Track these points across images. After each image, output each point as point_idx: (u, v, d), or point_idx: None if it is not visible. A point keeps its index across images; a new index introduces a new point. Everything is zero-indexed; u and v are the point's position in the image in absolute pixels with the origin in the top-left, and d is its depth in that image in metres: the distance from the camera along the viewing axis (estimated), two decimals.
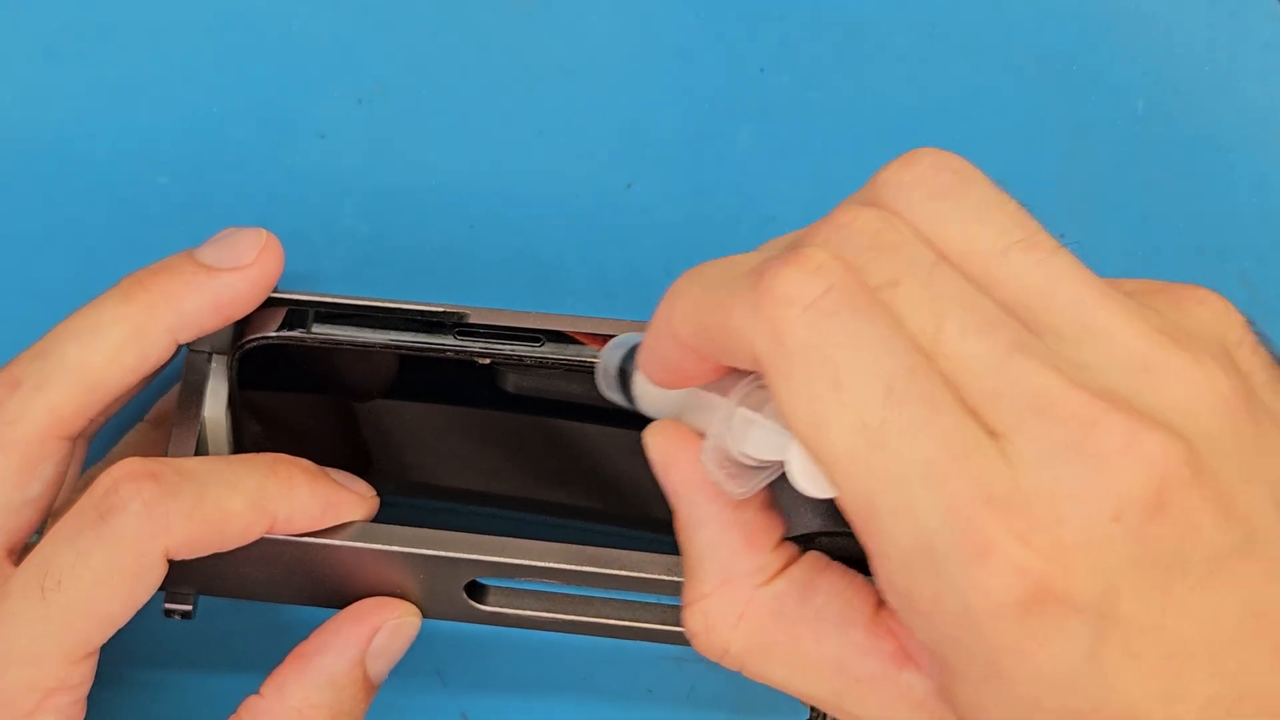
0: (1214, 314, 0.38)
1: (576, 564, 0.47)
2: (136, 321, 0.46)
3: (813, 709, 0.48)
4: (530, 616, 0.50)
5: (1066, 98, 0.55)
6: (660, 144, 0.55)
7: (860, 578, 0.41)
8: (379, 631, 0.48)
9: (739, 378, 0.39)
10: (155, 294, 0.46)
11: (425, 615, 0.50)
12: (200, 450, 0.48)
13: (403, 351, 0.47)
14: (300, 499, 0.46)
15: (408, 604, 0.49)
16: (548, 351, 0.47)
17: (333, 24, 0.54)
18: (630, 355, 0.42)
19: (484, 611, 0.49)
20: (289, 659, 0.48)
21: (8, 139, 0.55)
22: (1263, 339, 0.39)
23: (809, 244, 0.37)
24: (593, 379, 0.43)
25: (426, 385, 0.52)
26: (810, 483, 0.37)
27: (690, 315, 0.38)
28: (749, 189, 0.54)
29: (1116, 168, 0.55)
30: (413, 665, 0.60)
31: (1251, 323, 0.38)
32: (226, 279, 0.47)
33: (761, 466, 0.39)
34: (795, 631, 0.40)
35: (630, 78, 0.55)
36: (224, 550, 0.45)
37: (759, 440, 0.38)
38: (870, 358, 0.35)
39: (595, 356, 0.46)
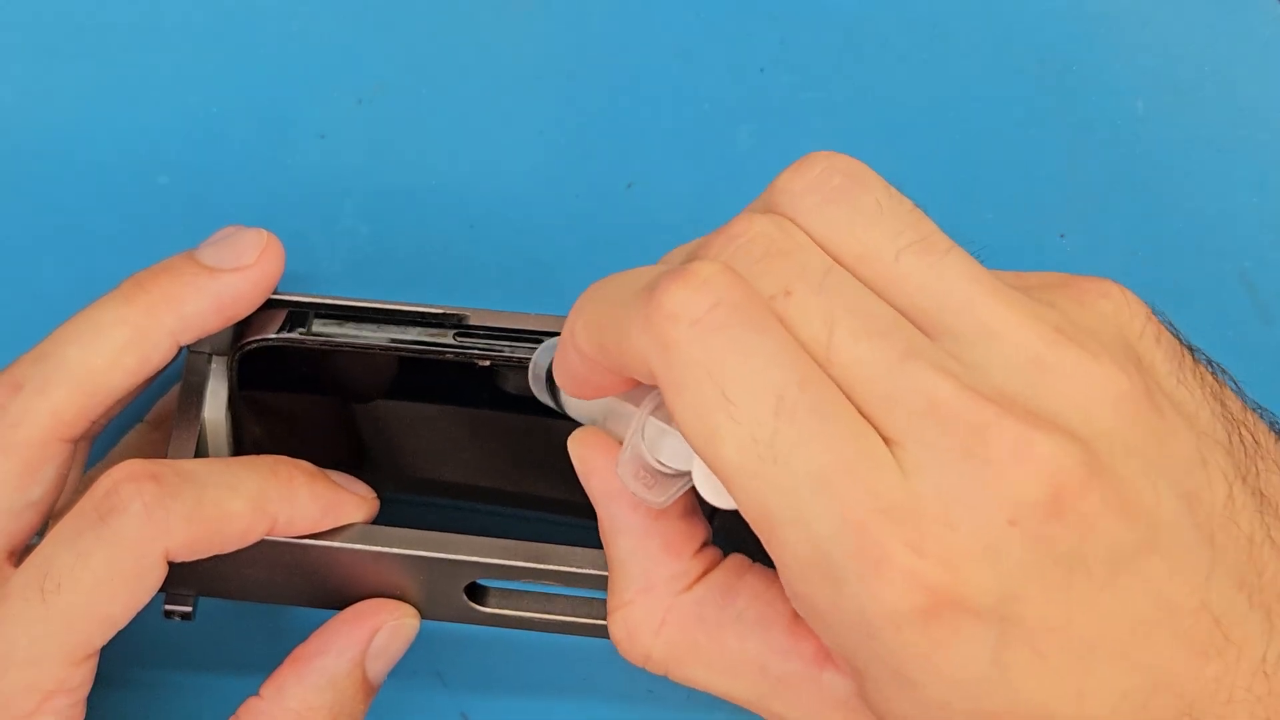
0: (1115, 307, 0.38)
1: (576, 566, 0.47)
2: (138, 324, 0.46)
3: None
4: (530, 618, 0.50)
5: (1066, 98, 0.55)
6: (660, 144, 0.55)
7: (779, 579, 0.40)
8: (378, 633, 0.48)
9: (649, 387, 0.39)
10: (156, 296, 0.46)
11: (425, 617, 0.50)
12: (200, 452, 0.48)
13: (403, 353, 0.47)
14: (300, 501, 0.46)
15: (406, 605, 0.49)
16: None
17: (333, 24, 0.54)
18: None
19: (484, 613, 0.49)
20: (288, 661, 0.48)
21: (8, 139, 0.55)
22: (1168, 327, 0.38)
23: (700, 257, 0.37)
24: None
25: (426, 386, 0.52)
26: (713, 495, 0.37)
27: (590, 331, 0.38)
28: (749, 189, 0.54)
29: (1116, 168, 0.55)
30: (413, 665, 0.60)
31: (1157, 312, 0.38)
32: (228, 280, 0.47)
33: (679, 474, 0.39)
34: (717, 635, 0.40)
35: (630, 78, 0.55)
36: (224, 552, 0.45)
37: (672, 449, 0.38)
38: (758, 371, 0.35)
39: None
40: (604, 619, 0.48)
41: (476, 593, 0.49)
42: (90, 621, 0.44)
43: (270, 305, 0.47)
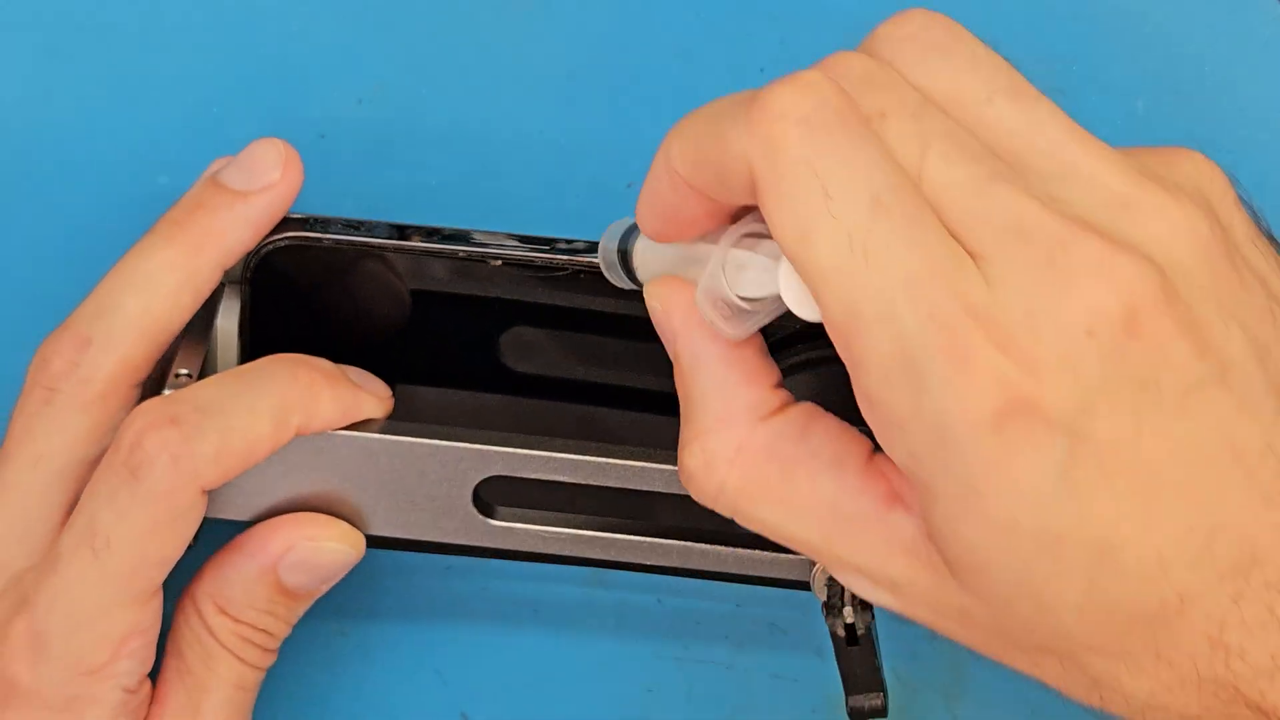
0: (1199, 169, 0.39)
1: (592, 455, 0.47)
2: (187, 264, 0.47)
3: (826, 604, 0.48)
4: (540, 532, 0.49)
5: (1066, 98, 0.55)
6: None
7: (853, 428, 0.41)
8: (292, 548, 0.48)
9: (729, 228, 0.40)
10: (198, 233, 0.47)
11: (433, 539, 0.49)
12: (210, 358, 0.48)
13: (416, 253, 0.48)
14: (322, 405, 0.46)
15: (344, 527, 0.48)
16: (559, 254, 0.48)
17: (333, 24, 0.54)
18: (628, 234, 0.43)
19: (494, 528, 0.49)
20: (206, 560, 0.49)
21: (8, 139, 0.55)
22: (1246, 202, 0.39)
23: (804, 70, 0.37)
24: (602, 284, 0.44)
25: (440, 288, 0.52)
26: (800, 303, 0.38)
27: (689, 149, 0.38)
28: None
29: None
30: (413, 665, 0.60)
31: (1236, 183, 0.39)
32: (259, 201, 0.48)
33: (756, 310, 0.39)
34: (790, 470, 0.40)
35: (630, 78, 0.55)
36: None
37: (752, 280, 0.39)
38: (858, 171, 0.36)
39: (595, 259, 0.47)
40: (622, 533, 0.47)
41: (486, 507, 0.48)
42: (146, 566, 0.45)
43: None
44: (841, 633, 0.48)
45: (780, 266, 0.38)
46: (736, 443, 0.40)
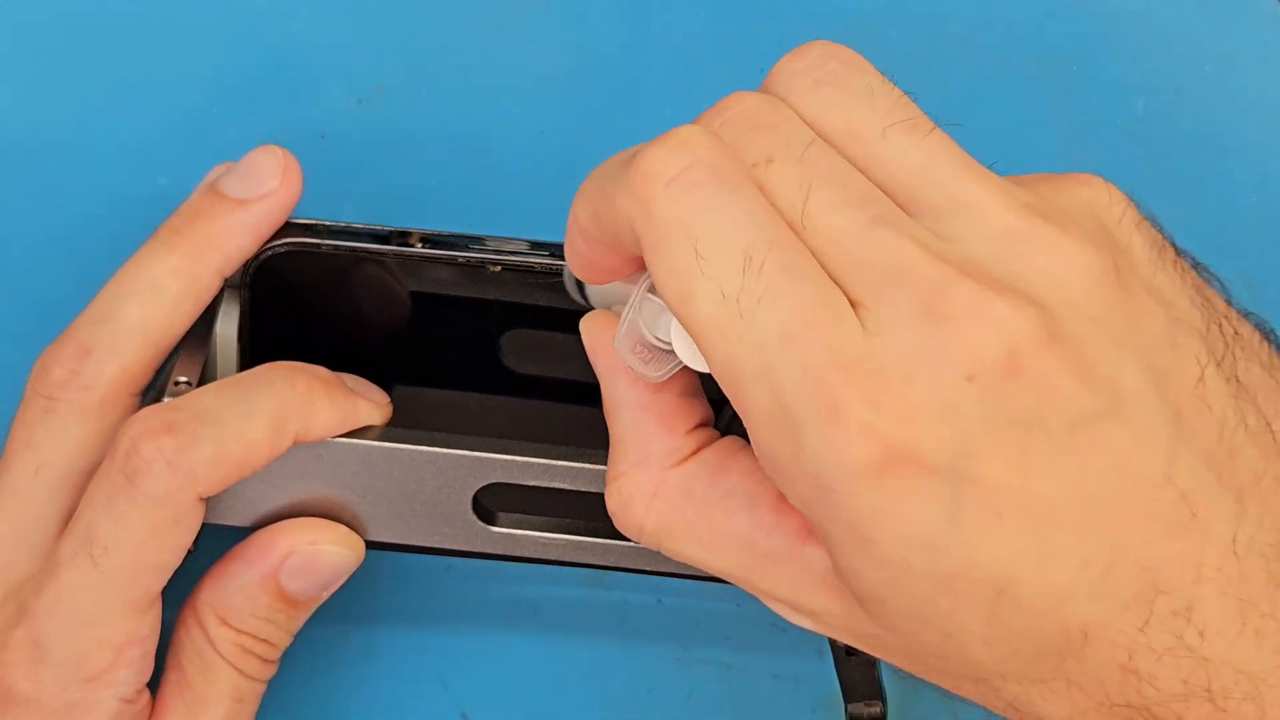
0: (1094, 193, 0.38)
1: (591, 463, 0.47)
2: (188, 271, 0.47)
3: (839, 645, 0.49)
4: (540, 538, 0.49)
5: (1066, 98, 0.55)
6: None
7: None
8: (292, 554, 0.48)
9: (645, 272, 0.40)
10: (198, 240, 0.48)
11: (432, 543, 0.49)
12: (209, 365, 0.48)
13: (415, 259, 0.48)
14: (319, 412, 0.46)
15: (342, 531, 0.49)
16: (559, 259, 0.48)
17: (333, 24, 0.54)
18: None
19: (494, 534, 0.49)
20: (206, 570, 0.49)
21: (8, 139, 0.55)
22: (1150, 219, 0.39)
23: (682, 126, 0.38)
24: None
25: (439, 294, 0.52)
26: (690, 357, 0.38)
27: (587, 208, 0.39)
28: None
29: (1116, 168, 0.55)
30: (413, 665, 0.60)
31: (1136, 204, 0.39)
32: (259, 209, 0.48)
33: (668, 350, 0.40)
34: (705, 510, 0.41)
35: (630, 78, 0.55)
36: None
37: (667, 325, 0.39)
38: (730, 228, 0.36)
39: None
40: (622, 538, 0.48)
41: (486, 513, 0.48)
42: (144, 573, 0.45)
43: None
44: (841, 644, 0.48)
45: (671, 322, 0.39)
46: (651, 487, 0.41)
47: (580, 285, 0.45)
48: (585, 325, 0.42)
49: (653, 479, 0.41)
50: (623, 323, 0.40)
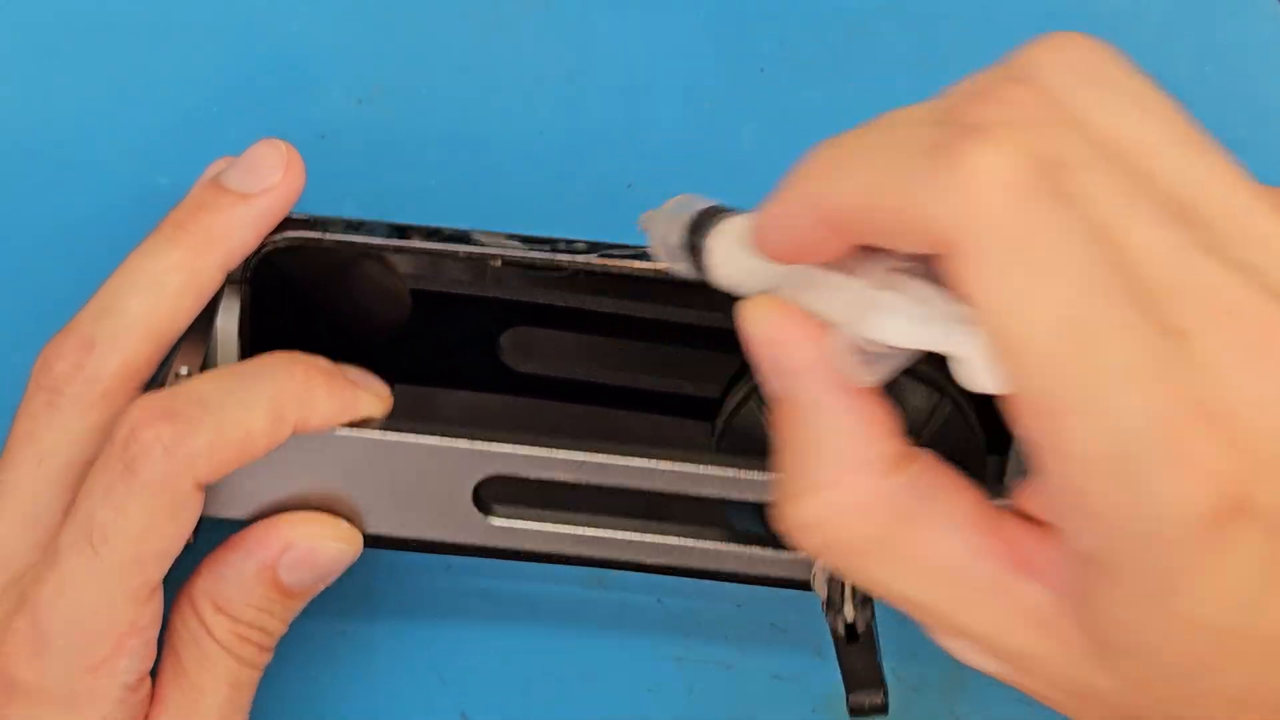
0: None
1: (592, 454, 0.46)
2: (191, 265, 0.47)
3: (826, 601, 0.48)
4: (540, 530, 0.49)
5: None
6: (660, 144, 0.55)
7: (969, 480, 0.38)
8: (290, 548, 0.48)
9: (866, 258, 0.36)
10: (200, 235, 0.48)
11: (431, 540, 0.49)
12: (209, 357, 0.48)
13: (416, 253, 0.48)
14: (319, 402, 0.46)
15: (341, 525, 0.49)
16: (560, 254, 0.48)
17: (332, 24, 0.54)
18: (703, 222, 0.40)
19: (493, 527, 0.49)
20: (204, 559, 0.49)
21: (8, 138, 0.55)
22: None
23: (989, 120, 0.34)
24: (602, 285, 0.43)
25: (440, 288, 0.52)
26: (985, 376, 0.35)
27: (853, 193, 0.35)
28: (750, 189, 0.54)
29: None
30: (413, 665, 0.60)
31: None
32: (261, 203, 0.48)
33: (892, 355, 0.37)
34: (912, 528, 0.37)
35: (630, 78, 0.55)
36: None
37: (899, 327, 0.36)
38: (1078, 247, 0.33)
39: (597, 260, 0.46)
40: (630, 532, 0.47)
41: (486, 506, 0.49)
42: (144, 562, 0.45)
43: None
44: (842, 630, 0.47)
45: (967, 335, 0.35)
46: (860, 498, 0.37)
47: (693, 252, 0.40)
48: (762, 315, 0.38)
49: (863, 489, 0.37)
50: (843, 319, 0.36)
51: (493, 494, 0.49)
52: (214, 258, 0.48)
